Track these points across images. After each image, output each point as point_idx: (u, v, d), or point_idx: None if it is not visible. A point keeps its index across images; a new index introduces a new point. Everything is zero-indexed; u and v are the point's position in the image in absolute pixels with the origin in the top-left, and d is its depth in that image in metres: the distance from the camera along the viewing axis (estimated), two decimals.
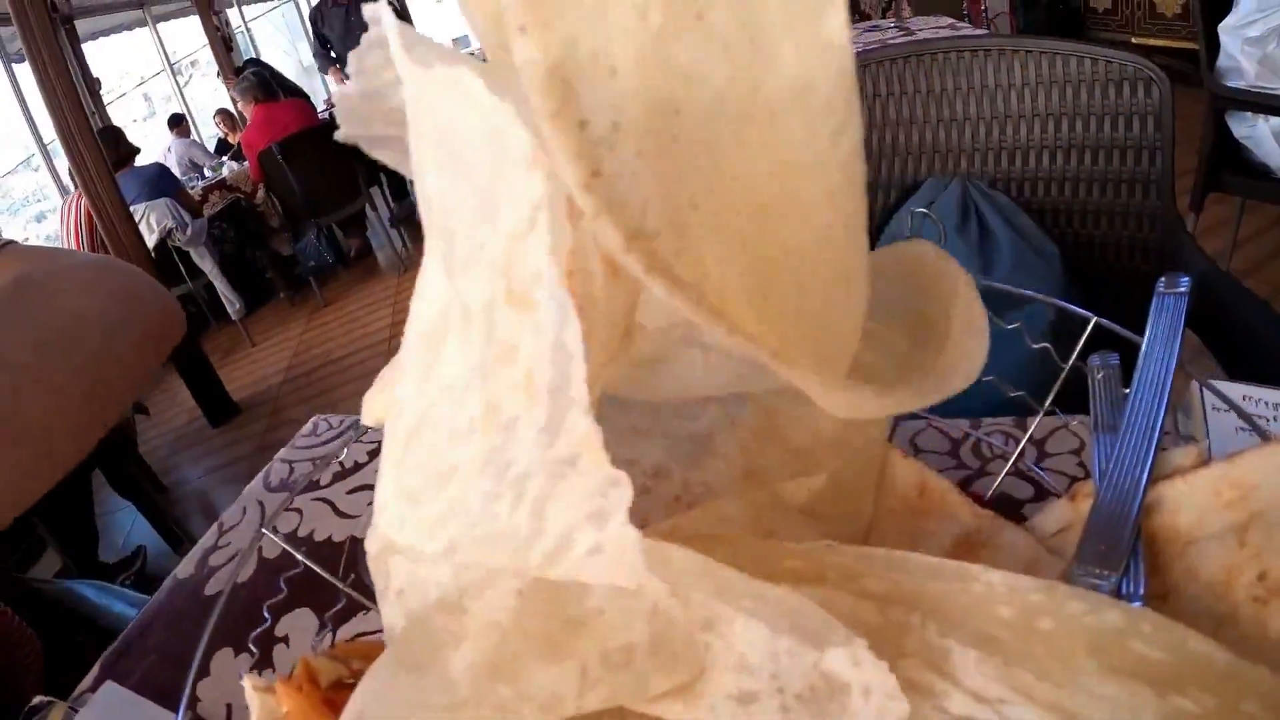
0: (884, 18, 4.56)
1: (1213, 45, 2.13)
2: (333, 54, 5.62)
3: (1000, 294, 0.89)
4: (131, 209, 3.58)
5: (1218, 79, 2.11)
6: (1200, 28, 2.25)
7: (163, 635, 0.53)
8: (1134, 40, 5.16)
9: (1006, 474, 0.44)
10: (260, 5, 11.37)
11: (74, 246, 4.18)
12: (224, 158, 5.97)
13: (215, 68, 7.99)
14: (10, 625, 0.83)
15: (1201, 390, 0.37)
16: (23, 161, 7.37)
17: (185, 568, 0.57)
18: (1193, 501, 0.24)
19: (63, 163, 5.77)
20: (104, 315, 0.55)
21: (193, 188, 4.74)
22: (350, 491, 0.53)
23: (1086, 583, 0.24)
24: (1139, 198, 1.04)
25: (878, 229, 1.07)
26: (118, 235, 3.47)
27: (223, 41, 7.42)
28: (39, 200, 7.63)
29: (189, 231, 4.22)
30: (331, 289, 4.93)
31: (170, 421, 3.86)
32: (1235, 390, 0.36)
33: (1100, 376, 0.33)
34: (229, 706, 0.45)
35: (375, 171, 4.88)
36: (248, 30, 10.51)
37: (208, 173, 5.32)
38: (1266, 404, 0.37)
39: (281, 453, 0.64)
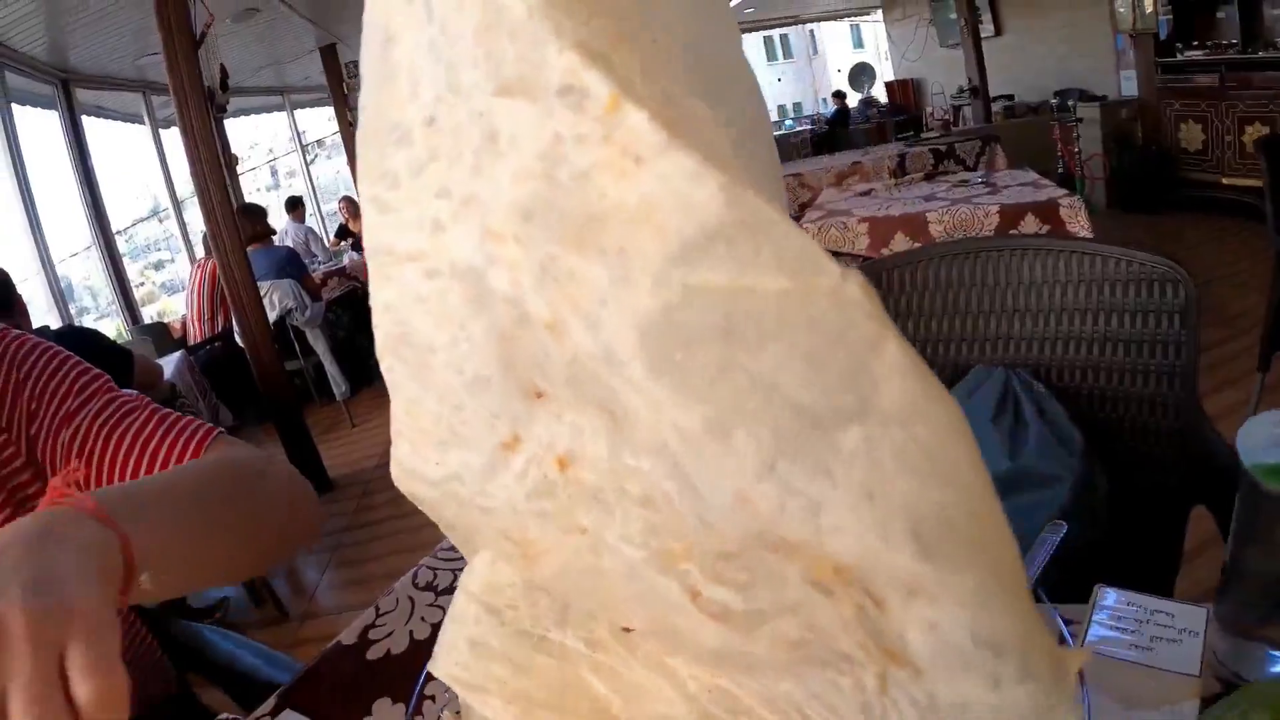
0: (976, 166, 4.74)
1: None
2: None
3: (1028, 477, 1.02)
4: (258, 284, 3.86)
5: None
6: (1268, 182, 2.32)
7: (329, 683, 0.70)
8: (1224, 180, 5.21)
9: None
10: None
11: (195, 305, 4.56)
12: (344, 243, 6.39)
13: (339, 147, 8.60)
14: (155, 657, 1.01)
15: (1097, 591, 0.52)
16: (152, 213, 7.98)
17: (349, 636, 0.75)
18: None
19: (188, 217, 6.30)
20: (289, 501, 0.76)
21: (314, 269, 5.11)
22: None
23: None
24: (1164, 388, 1.16)
25: None
26: (243, 306, 3.73)
27: (352, 134, 7.97)
28: (159, 250, 8.23)
29: (307, 314, 4.56)
30: None
31: None
32: (1123, 596, 0.51)
33: None
34: None
35: None
36: None
37: (320, 262, 5.70)
38: (1144, 609, 0.52)
39: (425, 560, 0.83)
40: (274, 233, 4.93)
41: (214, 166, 3.60)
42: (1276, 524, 0.48)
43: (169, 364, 3.21)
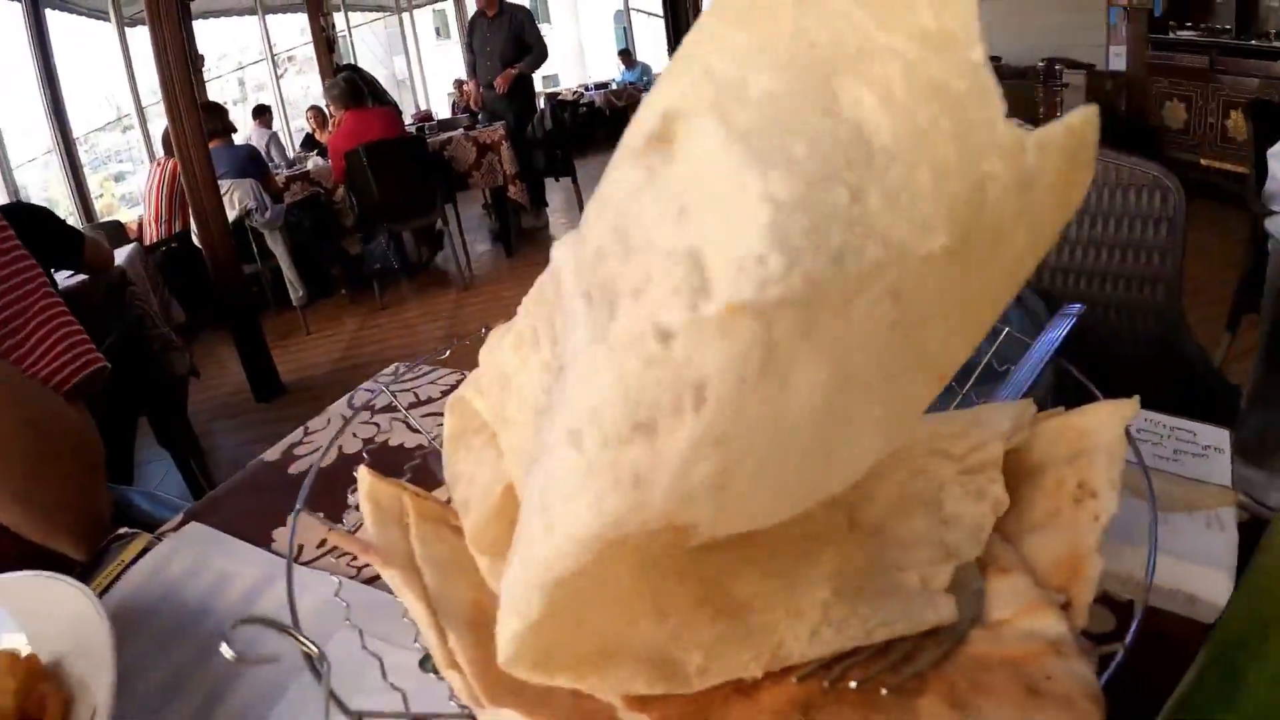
0: None
1: (1263, 170, 2.19)
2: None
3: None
4: (219, 183, 3.74)
5: (1264, 203, 2.17)
6: (1252, 153, 2.32)
7: (245, 498, 0.64)
8: (1202, 161, 5.20)
9: None
10: (365, 14, 11.87)
11: (153, 205, 4.40)
12: (309, 153, 6.20)
13: (310, 65, 8.34)
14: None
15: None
16: (112, 121, 7.68)
17: (272, 454, 0.69)
18: (1043, 440, 0.35)
19: (153, 128, 6.06)
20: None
21: (277, 173, 4.94)
22: (424, 415, 0.64)
23: None
24: (1147, 294, 1.13)
25: None
26: (202, 203, 3.64)
27: (326, 42, 7.74)
28: (120, 161, 7.94)
29: (267, 214, 4.41)
30: (391, 294, 5.10)
31: (217, 389, 4.01)
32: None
33: None
34: (301, 548, 0.57)
35: (451, 190, 5.08)
36: (350, 35, 10.94)
37: (281, 167, 5.51)
38: (1165, 425, 0.49)
39: (365, 384, 0.76)
40: (235, 130, 4.75)
41: (180, 61, 3.48)
42: None
43: (122, 254, 3.08)
